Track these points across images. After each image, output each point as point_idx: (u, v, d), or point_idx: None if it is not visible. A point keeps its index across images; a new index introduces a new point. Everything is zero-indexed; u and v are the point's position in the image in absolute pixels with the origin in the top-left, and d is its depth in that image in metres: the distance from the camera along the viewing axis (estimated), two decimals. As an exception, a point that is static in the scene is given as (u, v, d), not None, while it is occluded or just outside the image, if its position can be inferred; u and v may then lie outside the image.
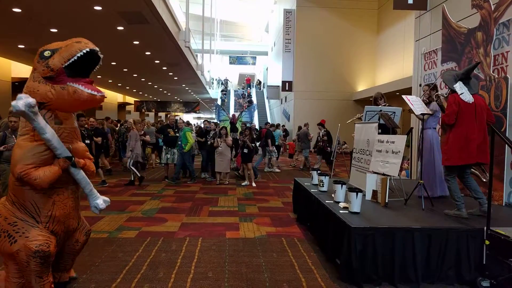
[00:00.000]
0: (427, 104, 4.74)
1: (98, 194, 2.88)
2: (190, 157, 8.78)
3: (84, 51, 2.58)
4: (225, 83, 35.99)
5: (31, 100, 2.41)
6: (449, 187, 3.88)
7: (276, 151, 11.54)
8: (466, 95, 3.72)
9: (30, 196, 2.63)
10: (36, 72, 2.67)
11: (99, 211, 2.85)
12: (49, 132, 2.54)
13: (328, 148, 10.68)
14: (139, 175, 8.23)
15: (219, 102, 29.17)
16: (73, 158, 2.68)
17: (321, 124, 11.30)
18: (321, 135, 11.06)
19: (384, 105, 5.47)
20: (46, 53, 2.66)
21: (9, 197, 2.71)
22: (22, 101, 2.38)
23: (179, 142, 8.56)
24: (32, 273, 2.56)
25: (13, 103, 2.38)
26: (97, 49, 2.66)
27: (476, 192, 3.76)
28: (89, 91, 2.61)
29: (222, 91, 31.84)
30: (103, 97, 2.71)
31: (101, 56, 2.71)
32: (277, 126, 14.26)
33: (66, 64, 2.58)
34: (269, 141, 10.66)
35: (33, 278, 2.57)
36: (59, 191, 2.73)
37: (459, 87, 3.76)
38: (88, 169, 2.89)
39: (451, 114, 3.73)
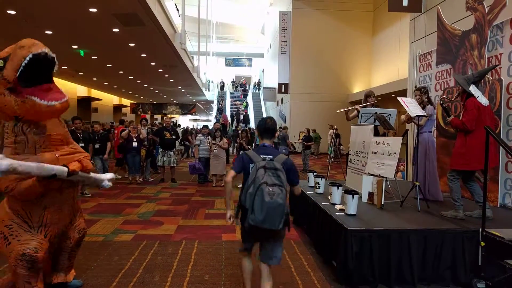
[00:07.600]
0: (422, 109, 4.70)
1: (101, 176, 2.96)
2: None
3: (28, 59, 2.29)
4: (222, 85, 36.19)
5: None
6: (451, 187, 3.80)
7: None
8: (482, 98, 3.65)
9: (22, 203, 2.61)
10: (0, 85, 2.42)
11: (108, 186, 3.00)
12: (21, 167, 2.29)
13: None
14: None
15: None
16: (67, 169, 2.51)
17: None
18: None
19: (373, 102, 5.57)
20: (0, 63, 2.38)
21: (7, 201, 2.70)
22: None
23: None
24: (19, 277, 2.53)
25: None
26: (43, 51, 2.33)
27: (479, 197, 3.72)
28: (46, 102, 2.39)
29: (218, 109, 31.81)
30: (64, 104, 2.47)
31: (53, 55, 2.39)
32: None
33: (17, 75, 2.33)
34: None
35: (21, 283, 2.54)
36: (51, 195, 2.65)
37: (474, 90, 3.67)
38: (86, 168, 2.78)
39: (472, 120, 3.56)
